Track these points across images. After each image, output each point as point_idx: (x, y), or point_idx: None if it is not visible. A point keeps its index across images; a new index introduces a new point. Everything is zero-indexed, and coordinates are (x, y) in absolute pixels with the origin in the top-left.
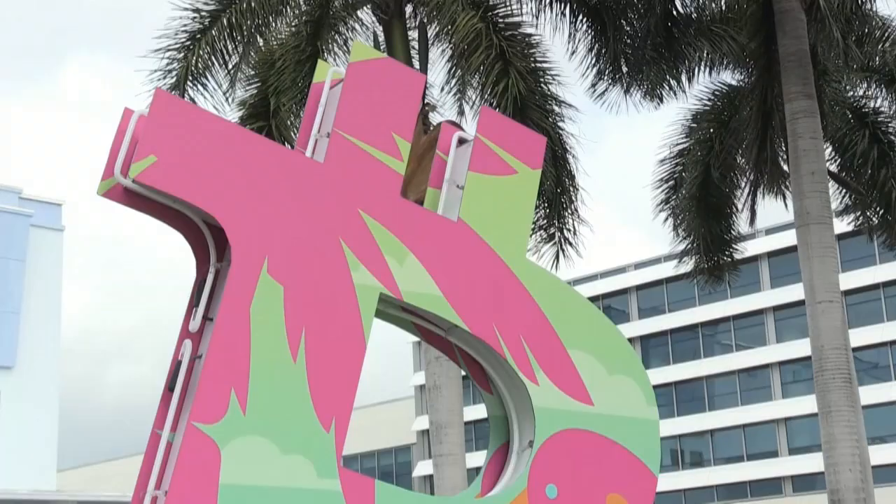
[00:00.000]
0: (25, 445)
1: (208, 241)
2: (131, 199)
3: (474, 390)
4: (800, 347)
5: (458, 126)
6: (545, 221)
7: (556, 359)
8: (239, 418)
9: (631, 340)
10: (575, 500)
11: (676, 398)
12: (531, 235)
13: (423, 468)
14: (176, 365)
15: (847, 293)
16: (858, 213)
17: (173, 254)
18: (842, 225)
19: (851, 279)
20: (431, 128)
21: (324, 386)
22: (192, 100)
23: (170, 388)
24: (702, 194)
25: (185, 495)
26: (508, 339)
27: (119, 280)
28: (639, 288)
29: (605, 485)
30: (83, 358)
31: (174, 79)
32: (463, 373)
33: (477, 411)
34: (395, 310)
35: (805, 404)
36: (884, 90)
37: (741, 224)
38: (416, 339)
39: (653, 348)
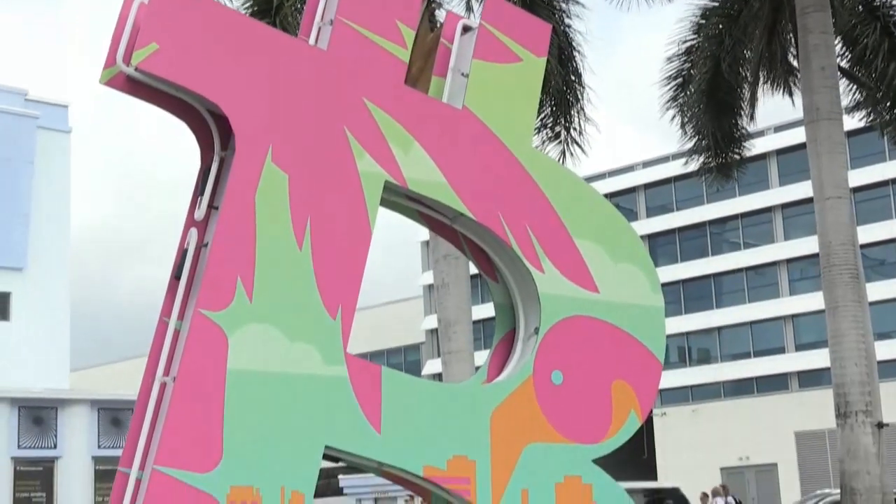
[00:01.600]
0: (38, 345)
1: (212, 129)
2: (134, 87)
3: (483, 289)
4: (807, 245)
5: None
6: (551, 120)
7: (561, 246)
8: (245, 306)
9: None
10: (580, 387)
11: (684, 296)
12: (537, 134)
13: (432, 366)
14: (182, 253)
15: (855, 190)
16: (869, 110)
17: (188, 155)
18: (852, 121)
19: (860, 176)
20: (438, 25)
21: (329, 274)
22: None
23: (176, 276)
24: (711, 90)
25: (194, 381)
26: (514, 226)
27: (133, 182)
28: (647, 186)
29: (611, 371)
30: (98, 260)
31: None
32: (471, 271)
33: (485, 310)
34: (400, 198)
35: (812, 301)
36: None
37: (750, 121)
38: (424, 238)
39: (661, 247)
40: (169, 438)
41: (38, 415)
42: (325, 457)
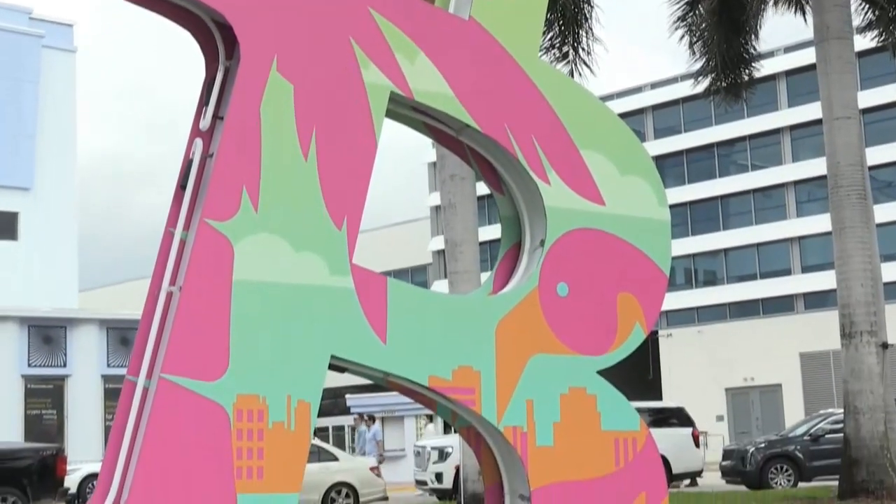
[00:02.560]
0: (46, 265)
1: (217, 39)
2: None
3: (490, 210)
4: (815, 167)
5: None
6: (559, 40)
7: (567, 159)
8: (251, 216)
9: None
10: (585, 299)
11: (691, 217)
12: (545, 54)
13: (438, 287)
14: (187, 163)
15: (865, 111)
16: (881, 29)
17: (195, 77)
18: (863, 41)
19: (870, 97)
20: None
21: (335, 184)
22: None
23: (181, 186)
24: (721, 9)
25: (200, 290)
26: (520, 138)
27: (143, 106)
28: (655, 108)
29: (616, 284)
30: (106, 184)
31: None
32: (478, 192)
33: (491, 231)
34: (405, 109)
35: (819, 223)
36: None
37: (760, 42)
38: (431, 160)
39: (668, 168)
40: (176, 347)
41: (48, 334)
42: (331, 367)
